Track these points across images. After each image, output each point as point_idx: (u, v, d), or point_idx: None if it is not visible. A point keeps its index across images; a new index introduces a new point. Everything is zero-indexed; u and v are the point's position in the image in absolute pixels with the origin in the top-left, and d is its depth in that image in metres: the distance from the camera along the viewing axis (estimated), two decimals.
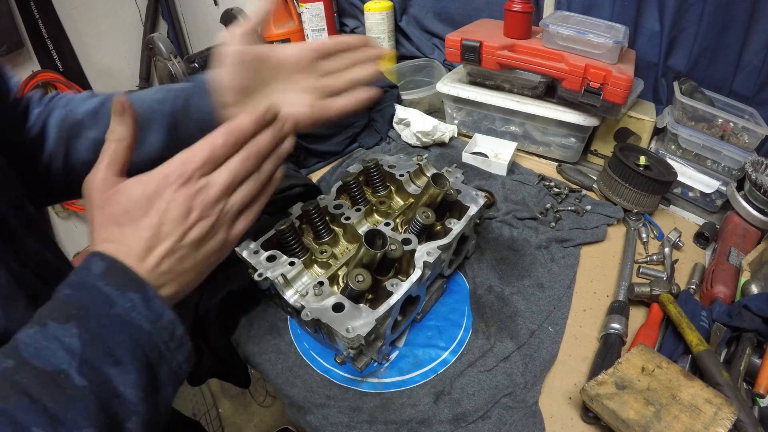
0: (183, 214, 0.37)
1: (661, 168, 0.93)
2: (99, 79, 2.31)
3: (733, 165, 0.90)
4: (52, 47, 2.09)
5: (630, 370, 0.58)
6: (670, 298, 0.70)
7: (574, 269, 0.81)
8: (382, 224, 0.72)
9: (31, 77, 2.02)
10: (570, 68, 0.93)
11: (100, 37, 2.24)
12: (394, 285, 0.62)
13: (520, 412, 0.60)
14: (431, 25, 1.41)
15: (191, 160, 0.38)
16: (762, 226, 0.84)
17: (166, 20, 2.34)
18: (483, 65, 1.04)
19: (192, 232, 0.38)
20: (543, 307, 0.74)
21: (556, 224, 0.90)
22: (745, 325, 0.63)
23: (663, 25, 1.01)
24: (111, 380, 0.31)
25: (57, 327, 0.32)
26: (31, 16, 1.98)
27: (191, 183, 0.38)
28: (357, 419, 0.60)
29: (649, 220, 0.92)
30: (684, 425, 0.51)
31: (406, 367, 0.67)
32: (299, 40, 1.54)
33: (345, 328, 0.56)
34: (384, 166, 0.83)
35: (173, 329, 0.35)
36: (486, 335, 0.70)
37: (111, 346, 0.32)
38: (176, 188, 0.38)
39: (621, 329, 0.67)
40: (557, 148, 1.09)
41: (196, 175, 0.38)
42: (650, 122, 1.01)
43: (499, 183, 1.01)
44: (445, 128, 1.15)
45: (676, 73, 1.06)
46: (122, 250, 0.36)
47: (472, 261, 0.82)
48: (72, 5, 2.10)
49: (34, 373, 0.30)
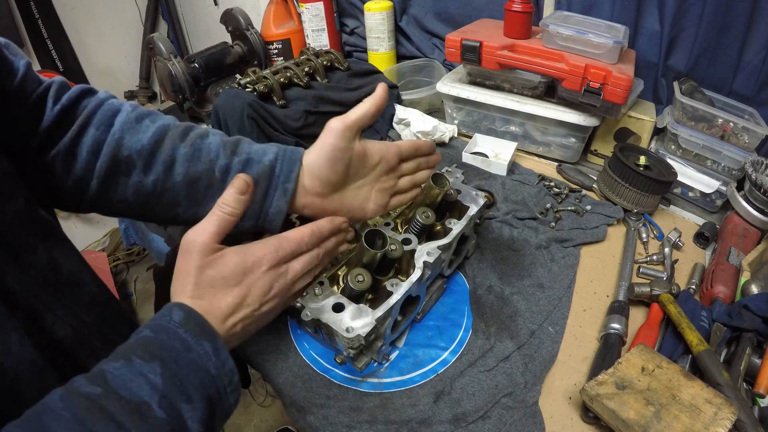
0: (265, 291, 0.45)
1: (661, 168, 0.93)
2: (99, 79, 2.31)
3: (733, 165, 0.90)
4: (52, 47, 2.09)
5: (630, 370, 0.58)
6: (670, 298, 0.70)
7: (574, 269, 0.81)
8: (382, 224, 0.72)
9: None
10: (570, 68, 0.93)
11: (100, 37, 2.24)
12: (394, 285, 0.62)
13: (520, 412, 0.60)
14: (431, 25, 1.41)
15: (283, 248, 0.46)
16: (762, 226, 0.84)
17: (166, 20, 2.34)
18: (483, 65, 1.04)
19: (265, 306, 0.45)
20: (543, 307, 0.74)
21: (556, 224, 0.90)
22: (745, 325, 0.63)
23: (663, 25, 1.01)
24: (182, 415, 0.35)
25: (142, 364, 0.35)
26: (31, 16, 1.98)
27: (278, 267, 0.46)
28: (357, 419, 0.60)
29: (649, 220, 0.92)
30: (684, 425, 0.51)
31: (406, 367, 0.67)
32: (299, 39, 1.54)
33: (345, 328, 0.56)
34: None
35: (232, 376, 0.40)
36: (486, 335, 0.70)
37: (186, 385, 0.36)
38: (266, 269, 0.44)
39: (621, 329, 0.67)
40: (557, 148, 1.09)
41: (282, 261, 0.46)
42: (650, 122, 1.01)
43: (499, 183, 1.01)
44: (445, 128, 1.15)
45: (676, 73, 1.06)
46: (210, 309, 0.41)
47: (472, 261, 0.82)
48: (72, 5, 2.10)
49: (121, 402, 0.33)
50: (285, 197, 0.53)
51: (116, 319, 0.54)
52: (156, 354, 0.36)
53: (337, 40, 1.57)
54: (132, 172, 0.50)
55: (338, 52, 1.22)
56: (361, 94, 1.17)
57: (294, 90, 1.12)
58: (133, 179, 0.51)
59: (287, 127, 1.08)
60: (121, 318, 0.55)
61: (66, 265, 0.47)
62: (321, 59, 1.18)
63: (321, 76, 1.17)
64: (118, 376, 0.34)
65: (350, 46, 1.63)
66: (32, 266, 0.43)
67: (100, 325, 0.48)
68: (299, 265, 0.47)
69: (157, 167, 0.51)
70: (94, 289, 0.51)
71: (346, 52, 1.64)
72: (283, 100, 1.09)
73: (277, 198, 0.53)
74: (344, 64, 1.21)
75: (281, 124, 1.06)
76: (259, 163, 0.53)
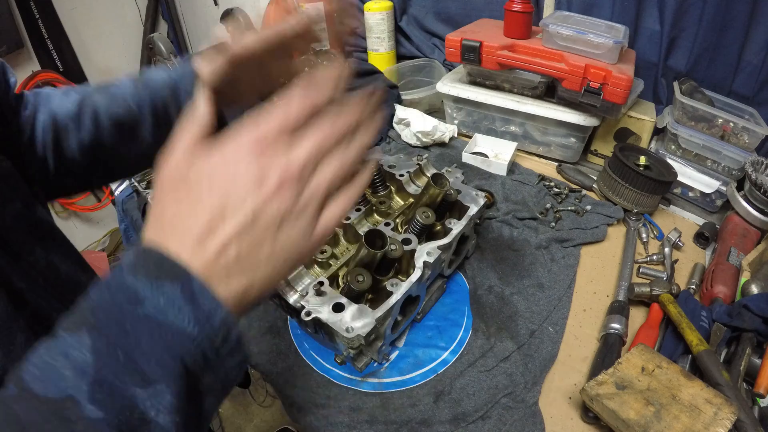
0: (256, 182, 0.28)
1: (661, 168, 0.93)
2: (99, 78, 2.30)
3: (733, 165, 0.90)
4: (52, 47, 2.09)
5: (630, 370, 0.58)
6: (670, 298, 0.70)
7: (574, 269, 0.81)
8: (382, 224, 0.72)
9: (31, 77, 2.02)
10: (570, 68, 0.93)
11: (100, 37, 2.24)
12: (394, 285, 0.62)
13: (520, 412, 0.60)
14: (431, 25, 1.41)
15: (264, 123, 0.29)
16: (762, 226, 0.84)
17: (166, 20, 2.34)
18: (483, 65, 1.04)
19: (269, 206, 0.28)
20: (543, 307, 0.74)
21: (556, 224, 0.90)
22: (745, 325, 0.63)
23: (663, 25, 1.02)
24: (137, 405, 0.24)
25: (67, 338, 0.25)
26: (31, 16, 1.98)
27: (267, 148, 0.28)
28: (357, 419, 0.60)
29: (649, 220, 0.92)
30: (684, 425, 0.51)
31: (406, 367, 0.67)
32: None
33: (345, 328, 0.56)
34: (384, 166, 0.83)
35: (225, 329, 0.26)
36: (486, 335, 0.70)
37: (136, 358, 0.24)
38: (247, 154, 0.28)
39: (621, 329, 0.67)
40: (557, 148, 1.09)
41: (271, 140, 0.29)
42: (650, 122, 1.01)
43: (499, 183, 1.01)
44: (445, 128, 1.15)
45: (676, 73, 1.06)
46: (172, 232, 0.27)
47: (472, 261, 0.82)
48: (72, 5, 2.10)
49: (34, 402, 0.23)
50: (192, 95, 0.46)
51: None
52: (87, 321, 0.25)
53: None
54: (69, 134, 0.54)
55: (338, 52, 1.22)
56: None
57: None
58: (72, 140, 0.54)
59: None
60: None
61: (63, 267, 0.48)
62: (321, 59, 1.18)
63: None
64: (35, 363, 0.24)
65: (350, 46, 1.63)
66: (33, 267, 0.43)
67: None
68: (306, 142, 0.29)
69: (85, 122, 0.54)
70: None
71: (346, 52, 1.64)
72: None
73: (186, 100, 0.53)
74: None
75: None
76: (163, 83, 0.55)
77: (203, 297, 0.26)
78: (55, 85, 2.14)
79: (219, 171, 0.28)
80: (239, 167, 0.28)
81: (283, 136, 0.29)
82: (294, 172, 0.29)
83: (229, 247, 0.27)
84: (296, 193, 0.29)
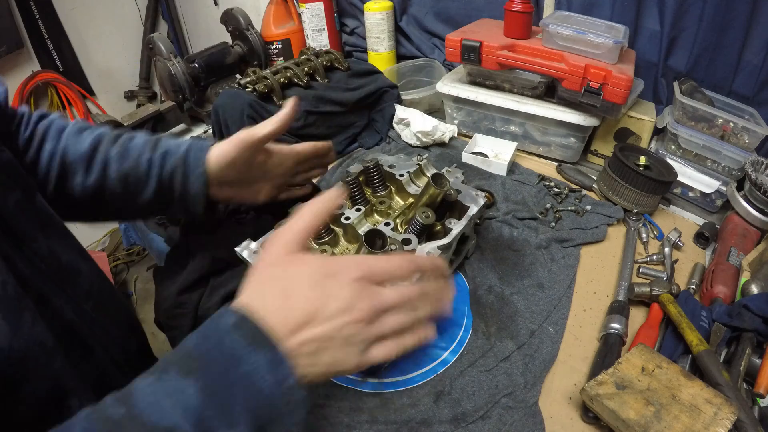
0: (347, 308, 0.36)
1: (661, 168, 0.93)
2: (99, 79, 2.31)
3: (733, 165, 0.90)
4: (52, 47, 2.09)
5: (630, 370, 0.58)
6: (670, 298, 0.70)
7: (574, 269, 0.81)
8: (382, 224, 0.72)
9: (31, 77, 2.03)
10: (570, 68, 0.93)
11: (100, 37, 2.25)
12: None
13: (520, 412, 0.60)
14: (431, 25, 1.41)
15: (376, 264, 0.38)
16: (762, 226, 0.84)
17: (166, 20, 2.34)
18: (483, 65, 1.04)
19: (344, 329, 0.36)
20: (543, 307, 0.74)
21: (556, 224, 0.90)
22: (745, 325, 0.63)
23: (663, 25, 1.02)
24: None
25: (178, 379, 0.30)
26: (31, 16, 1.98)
27: (366, 284, 0.37)
28: (357, 419, 0.60)
29: (649, 220, 0.92)
30: (684, 425, 0.51)
31: (406, 367, 0.67)
32: (299, 39, 1.54)
33: None
34: (384, 166, 0.83)
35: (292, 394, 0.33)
36: (486, 335, 0.70)
37: (230, 405, 0.30)
38: (352, 280, 0.37)
39: (621, 329, 0.67)
40: (557, 148, 1.09)
41: (372, 279, 0.38)
42: (650, 122, 1.01)
43: (499, 183, 1.01)
44: (445, 128, 1.15)
45: (676, 73, 1.06)
46: (272, 313, 0.34)
47: (472, 261, 0.82)
48: (72, 5, 2.10)
49: (145, 428, 0.28)
50: (200, 179, 0.60)
51: (113, 309, 0.56)
52: (195, 367, 0.31)
53: (337, 40, 1.57)
54: (77, 175, 0.57)
55: (338, 52, 1.22)
56: (361, 94, 1.17)
57: (294, 90, 1.12)
58: (77, 180, 0.57)
59: None
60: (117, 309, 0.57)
61: (64, 255, 0.49)
62: (321, 59, 1.18)
63: (321, 76, 1.17)
64: (147, 394, 0.30)
65: (350, 46, 1.63)
66: (35, 254, 0.44)
67: (97, 313, 0.50)
68: (395, 293, 0.39)
69: (95, 168, 0.58)
70: (92, 278, 0.53)
71: (346, 52, 1.64)
72: (283, 100, 1.09)
73: (193, 181, 0.60)
74: (344, 64, 1.21)
75: None
76: (175, 154, 0.61)
77: (283, 367, 0.33)
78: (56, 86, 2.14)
79: (325, 283, 0.36)
80: (340, 291, 0.36)
81: (382, 281, 0.39)
82: (373, 314, 0.37)
83: (308, 344, 0.35)
84: (366, 329, 0.37)
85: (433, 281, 0.43)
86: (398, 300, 0.38)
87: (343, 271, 0.37)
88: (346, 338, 0.36)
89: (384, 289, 0.38)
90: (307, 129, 1.11)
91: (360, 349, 0.37)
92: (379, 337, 0.38)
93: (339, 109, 1.15)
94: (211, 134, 1.22)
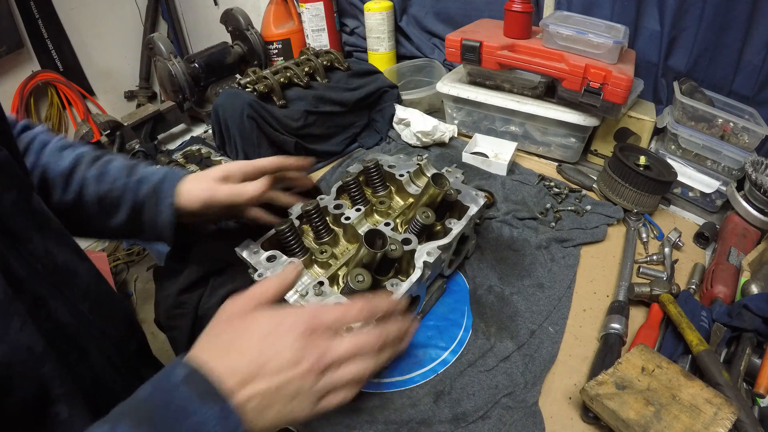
0: (294, 361, 0.37)
1: (661, 168, 0.93)
2: (99, 79, 2.31)
3: (733, 165, 0.90)
4: (52, 47, 2.09)
5: (630, 370, 0.58)
6: (670, 298, 0.70)
7: (574, 269, 0.81)
8: (382, 224, 0.72)
9: (31, 77, 2.02)
10: (570, 68, 0.93)
11: (100, 37, 2.25)
12: (394, 285, 0.62)
13: (520, 412, 0.60)
14: (431, 25, 1.41)
15: (323, 314, 0.40)
16: (762, 226, 0.84)
17: (166, 20, 2.34)
18: (483, 65, 1.04)
19: (292, 383, 0.37)
20: (543, 307, 0.74)
21: (556, 224, 0.90)
22: (745, 325, 0.63)
23: (663, 25, 1.02)
24: None
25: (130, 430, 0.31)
26: (31, 16, 1.98)
27: (314, 337, 0.38)
28: (357, 419, 0.60)
29: (649, 220, 0.92)
30: (684, 425, 0.51)
31: (406, 367, 0.67)
32: (299, 39, 1.54)
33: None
34: (384, 166, 0.83)
35: None
36: (486, 335, 0.70)
37: None
38: (298, 334, 0.38)
39: (621, 329, 0.67)
40: (557, 148, 1.09)
41: (320, 331, 0.39)
42: (650, 122, 1.01)
43: (499, 183, 1.01)
44: (445, 128, 1.15)
45: (676, 73, 1.06)
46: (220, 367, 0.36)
47: (472, 261, 0.82)
48: (72, 5, 2.10)
49: None
50: (170, 209, 0.63)
51: (110, 310, 0.56)
52: (147, 417, 0.32)
53: (337, 40, 1.57)
54: (55, 191, 0.59)
55: (338, 52, 1.22)
56: (361, 94, 1.17)
57: (294, 90, 1.12)
58: (55, 197, 0.59)
59: (287, 127, 1.08)
60: (115, 309, 0.57)
61: (60, 256, 0.49)
62: (321, 59, 1.18)
63: (321, 76, 1.17)
64: None
65: (350, 46, 1.63)
66: (31, 254, 0.44)
67: (94, 314, 0.50)
68: (347, 343, 0.39)
69: (72, 188, 0.60)
70: (89, 279, 0.53)
71: (346, 52, 1.64)
72: (283, 100, 1.09)
73: (164, 210, 0.63)
74: (344, 64, 1.21)
75: (281, 124, 1.06)
76: (149, 182, 0.63)
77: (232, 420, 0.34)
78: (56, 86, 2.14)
79: (272, 337, 0.38)
80: (287, 343, 0.37)
81: (330, 331, 0.39)
82: (322, 366, 0.38)
83: (255, 398, 0.36)
84: (315, 381, 0.38)
85: (393, 322, 0.44)
86: (350, 350, 0.40)
87: (290, 325, 0.38)
88: (294, 392, 0.37)
89: (334, 340, 0.40)
90: (307, 129, 1.11)
91: (311, 401, 0.38)
92: (332, 387, 0.39)
93: (339, 109, 1.15)
94: (211, 134, 1.22)
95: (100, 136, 1.16)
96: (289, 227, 0.69)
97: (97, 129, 1.16)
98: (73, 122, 2.30)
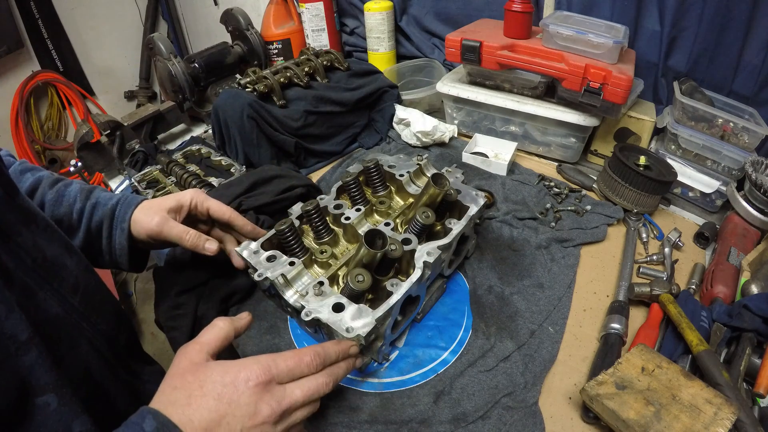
0: (250, 413, 0.40)
1: (661, 168, 0.93)
2: (99, 79, 2.31)
3: (733, 165, 0.90)
4: (52, 47, 2.09)
5: (630, 370, 0.58)
6: (670, 298, 0.70)
7: (574, 269, 0.81)
8: (382, 224, 0.72)
9: (31, 77, 2.03)
10: (570, 68, 0.93)
11: (100, 37, 2.25)
12: (394, 285, 0.62)
13: (520, 412, 0.60)
14: (431, 25, 1.41)
15: (276, 366, 0.42)
16: (762, 226, 0.84)
17: (166, 20, 2.34)
18: (483, 65, 1.04)
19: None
20: (543, 307, 0.74)
21: (556, 224, 0.90)
22: (745, 325, 0.63)
23: (663, 25, 1.02)
24: None
25: None
26: (31, 16, 1.98)
27: (269, 387, 0.41)
28: (356, 419, 0.60)
29: (649, 220, 0.92)
30: (684, 425, 0.51)
31: (406, 367, 0.67)
32: (299, 39, 1.54)
33: (345, 328, 0.56)
34: (384, 166, 0.83)
35: None
36: (486, 335, 0.70)
37: None
38: (253, 386, 0.40)
39: (621, 329, 0.67)
40: (557, 148, 1.09)
41: (274, 381, 0.42)
42: (650, 122, 1.01)
43: (499, 183, 1.01)
44: (445, 128, 1.15)
45: (676, 73, 1.06)
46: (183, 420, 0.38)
47: (472, 261, 0.82)
48: (72, 5, 2.10)
49: None
50: (123, 234, 0.64)
51: (101, 303, 0.56)
52: None
53: (337, 40, 1.57)
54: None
55: (338, 52, 1.22)
56: (361, 94, 1.17)
57: (294, 90, 1.12)
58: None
59: (287, 127, 1.08)
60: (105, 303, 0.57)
61: (49, 250, 0.50)
62: (321, 59, 1.18)
63: (321, 76, 1.17)
64: None
65: (350, 46, 1.63)
66: (20, 247, 0.46)
67: (84, 307, 0.51)
68: (300, 390, 0.43)
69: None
70: (78, 273, 0.53)
71: (346, 52, 1.64)
72: (283, 100, 1.09)
73: (118, 235, 0.64)
74: (344, 64, 1.21)
75: (281, 124, 1.06)
76: (105, 206, 0.65)
77: None
78: (56, 86, 2.14)
79: (229, 390, 0.40)
80: (243, 397, 0.40)
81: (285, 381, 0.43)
82: (278, 416, 0.41)
83: None
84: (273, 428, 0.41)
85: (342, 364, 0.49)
86: (304, 397, 0.43)
87: (245, 377, 0.41)
88: None
89: (288, 387, 0.43)
90: (307, 129, 1.11)
91: None
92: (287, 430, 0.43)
93: (339, 109, 1.15)
94: (211, 134, 1.22)
95: (100, 136, 1.16)
96: (289, 227, 0.69)
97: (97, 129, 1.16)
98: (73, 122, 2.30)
